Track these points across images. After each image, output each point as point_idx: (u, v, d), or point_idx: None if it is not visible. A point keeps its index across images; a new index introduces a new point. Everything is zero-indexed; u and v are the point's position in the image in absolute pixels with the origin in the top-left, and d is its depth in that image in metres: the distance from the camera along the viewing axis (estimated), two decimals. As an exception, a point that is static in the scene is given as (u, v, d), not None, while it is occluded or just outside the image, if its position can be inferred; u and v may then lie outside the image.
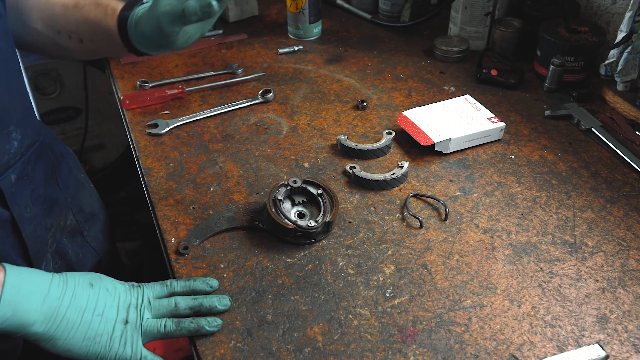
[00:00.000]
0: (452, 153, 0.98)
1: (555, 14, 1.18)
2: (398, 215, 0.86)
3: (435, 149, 0.96)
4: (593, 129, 1.01)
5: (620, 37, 1.02)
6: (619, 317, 0.71)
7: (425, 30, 1.36)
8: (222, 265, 0.78)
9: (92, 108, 1.83)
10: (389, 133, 0.99)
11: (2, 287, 0.59)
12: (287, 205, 0.84)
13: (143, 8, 0.78)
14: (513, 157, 0.97)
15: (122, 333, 0.65)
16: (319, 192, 0.84)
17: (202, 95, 1.13)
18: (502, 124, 0.99)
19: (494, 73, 1.14)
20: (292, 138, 1.02)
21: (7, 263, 0.62)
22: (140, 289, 0.70)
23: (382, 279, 0.76)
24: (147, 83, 1.15)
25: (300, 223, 0.79)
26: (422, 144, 0.96)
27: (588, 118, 1.03)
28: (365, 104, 1.09)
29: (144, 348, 0.66)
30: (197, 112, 1.08)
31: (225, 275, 0.76)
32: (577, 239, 0.81)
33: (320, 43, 1.32)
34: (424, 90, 1.14)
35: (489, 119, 0.99)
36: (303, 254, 0.79)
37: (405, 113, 1.01)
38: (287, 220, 0.79)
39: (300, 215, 0.84)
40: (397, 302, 0.73)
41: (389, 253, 0.79)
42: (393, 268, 0.77)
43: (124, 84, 1.17)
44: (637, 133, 1.00)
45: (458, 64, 1.23)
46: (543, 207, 0.87)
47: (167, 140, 1.01)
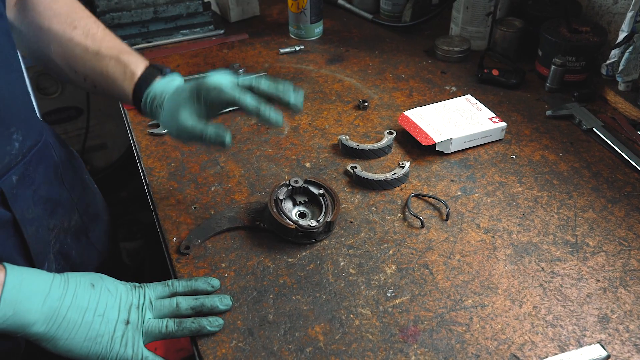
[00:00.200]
0: (453, 153, 0.97)
1: (557, 14, 1.17)
2: (399, 215, 0.86)
3: (437, 149, 0.96)
4: (594, 129, 1.01)
5: (622, 37, 1.02)
6: (621, 317, 0.70)
7: (427, 30, 1.36)
8: (223, 265, 0.78)
9: (93, 108, 1.83)
10: (390, 133, 0.99)
11: (2, 286, 0.59)
12: (288, 205, 0.84)
13: (162, 87, 0.78)
14: (514, 157, 0.97)
15: (123, 333, 0.65)
16: (321, 191, 0.84)
17: (203, 95, 1.13)
18: (503, 124, 0.99)
19: (495, 73, 1.14)
20: (293, 138, 1.02)
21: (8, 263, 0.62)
22: (142, 290, 0.70)
23: (383, 279, 0.76)
24: (148, 83, 1.15)
25: (302, 223, 0.79)
26: (423, 144, 0.95)
27: (589, 118, 1.03)
28: (367, 104, 1.09)
29: (145, 348, 0.66)
30: (198, 112, 1.08)
31: (227, 275, 0.76)
32: (578, 239, 0.81)
33: (322, 43, 1.33)
34: (425, 90, 1.14)
35: (490, 119, 0.99)
36: (304, 254, 0.79)
37: (407, 113, 1.01)
38: (288, 220, 0.79)
39: (302, 215, 0.84)
40: (398, 301, 0.73)
41: (390, 253, 0.79)
42: (394, 268, 0.77)
43: (126, 84, 1.17)
44: (638, 133, 0.99)
45: (459, 64, 1.23)
46: (544, 207, 0.87)
47: (168, 140, 1.01)
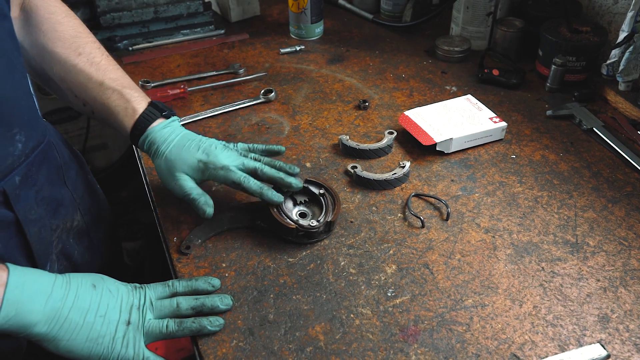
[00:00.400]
0: (453, 153, 0.98)
1: (557, 14, 1.18)
2: (400, 215, 0.86)
3: (437, 149, 0.96)
4: (595, 129, 1.01)
5: (622, 37, 1.02)
6: (621, 316, 0.71)
7: (427, 30, 1.36)
8: (224, 265, 0.78)
9: (94, 108, 1.83)
10: (391, 133, 0.99)
11: (5, 287, 0.59)
12: (289, 205, 0.84)
13: (163, 136, 0.79)
14: (515, 156, 0.97)
15: (124, 334, 0.65)
16: (321, 191, 0.84)
17: (204, 95, 1.14)
18: (503, 124, 0.99)
19: (496, 73, 1.14)
20: (294, 138, 1.02)
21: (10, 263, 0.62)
22: (143, 290, 0.70)
23: (383, 279, 0.76)
24: (149, 83, 1.15)
25: (302, 223, 0.79)
26: (423, 144, 0.96)
27: (590, 118, 1.03)
28: (367, 104, 1.09)
29: (146, 349, 0.67)
30: (199, 112, 1.08)
31: (227, 275, 0.76)
32: (578, 239, 0.81)
33: (322, 43, 1.33)
34: (426, 90, 1.14)
35: (491, 119, 0.99)
36: (305, 254, 0.80)
37: (407, 113, 1.01)
38: (289, 220, 0.79)
39: (302, 215, 0.84)
40: (398, 301, 0.73)
41: (391, 253, 0.80)
42: (395, 267, 0.77)
43: (126, 84, 1.17)
44: (638, 133, 0.99)
45: (460, 64, 1.23)
46: (544, 206, 0.87)
47: (169, 140, 1.01)
